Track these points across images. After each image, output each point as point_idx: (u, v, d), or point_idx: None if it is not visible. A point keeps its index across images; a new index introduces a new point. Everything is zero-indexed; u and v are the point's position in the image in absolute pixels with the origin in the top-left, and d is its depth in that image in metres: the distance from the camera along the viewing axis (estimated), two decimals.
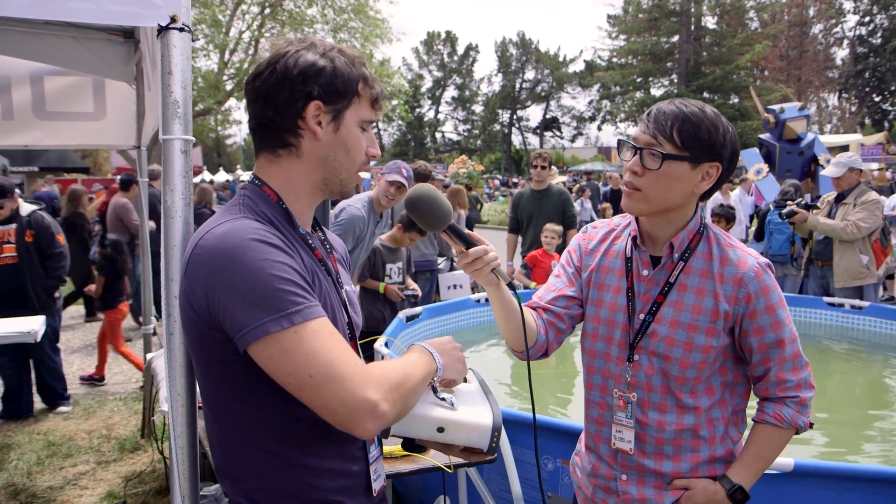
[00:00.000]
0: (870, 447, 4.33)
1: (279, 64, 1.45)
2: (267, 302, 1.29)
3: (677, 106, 1.77)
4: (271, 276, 1.30)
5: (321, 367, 1.28)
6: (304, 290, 1.34)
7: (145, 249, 5.23)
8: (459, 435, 1.59)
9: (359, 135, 1.52)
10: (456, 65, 66.89)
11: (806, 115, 12.48)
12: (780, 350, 1.80)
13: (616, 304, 1.92)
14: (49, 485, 4.52)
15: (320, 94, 1.45)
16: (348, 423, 1.30)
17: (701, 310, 1.80)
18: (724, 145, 1.77)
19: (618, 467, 1.92)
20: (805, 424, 1.84)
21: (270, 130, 1.49)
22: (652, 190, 1.77)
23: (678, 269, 1.84)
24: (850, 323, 6.34)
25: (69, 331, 9.21)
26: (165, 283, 1.67)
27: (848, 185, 6.28)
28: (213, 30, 21.58)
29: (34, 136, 4.76)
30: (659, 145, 1.75)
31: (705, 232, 1.88)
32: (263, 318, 1.28)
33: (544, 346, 1.99)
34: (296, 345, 1.28)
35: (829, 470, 2.76)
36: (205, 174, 36.94)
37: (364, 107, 1.52)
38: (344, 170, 1.53)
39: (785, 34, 45.70)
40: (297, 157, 1.50)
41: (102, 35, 3.91)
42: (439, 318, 6.14)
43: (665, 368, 1.83)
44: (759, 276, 1.78)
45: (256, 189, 1.51)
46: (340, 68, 1.46)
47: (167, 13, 1.68)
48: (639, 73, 42.56)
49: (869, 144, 19.00)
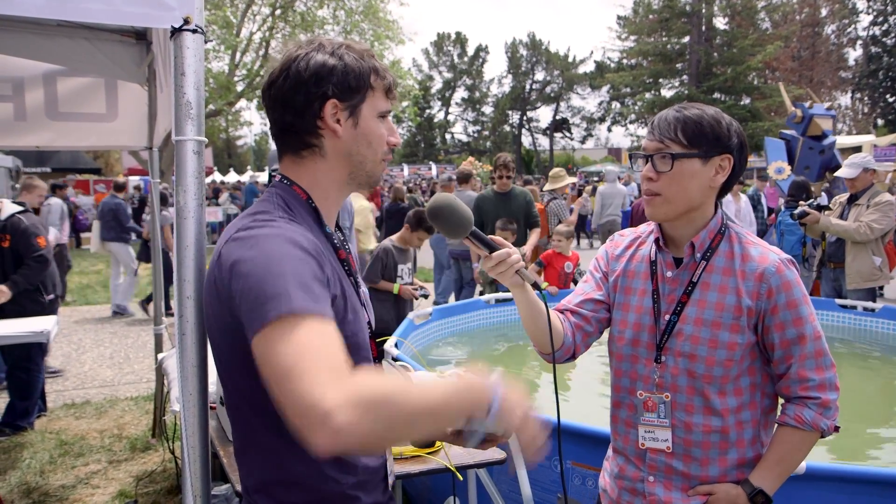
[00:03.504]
0: (882, 450, 4.30)
1: (291, 69, 1.47)
2: (276, 294, 1.23)
3: (677, 110, 1.82)
4: (289, 273, 1.27)
5: (300, 359, 1.16)
6: (315, 290, 1.28)
7: (156, 251, 5.25)
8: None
9: (378, 125, 1.54)
10: (466, 66, 66.77)
11: (832, 116, 12.39)
12: (802, 346, 1.79)
13: (642, 306, 1.94)
14: (61, 483, 4.54)
15: (335, 92, 1.47)
16: (298, 431, 1.12)
17: (724, 307, 1.80)
18: (729, 136, 1.80)
19: (645, 469, 1.92)
20: (829, 427, 1.81)
21: (291, 134, 1.51)
22: (669, 191, 1.80)
23: (700, 268, 1.85)
24: (862, 325, 6.30)
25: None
26: (178, 284, 1.67)
27: (862, 186, 6.24)
28: (225, 31, 21.64)
29: (46, 136, 4.78)
30: (667, 148, 1.79)
31: (727, 231, 1.89)
32: (266, 305, 1.23)
33: (571, 349, 2.00)
34: (287, 334, 1.19)
35: (841, 473, 2.75)
36: (215, 175, 37.09)
37: (379, 98, 1.54)
38: (368, 162, 1.55)
39: (797, 35, 45.44)
40: (320, 156, 1.52)
41: (115, 37, 3.93)
42: (450, 319, 6.14)
43: (691, 368, 1.83)
44: (780, 272, 1.78)
45: (287, 188, 1.52)
46: (351, 64, 1.48)
47: (180, 15, 1.69)
48: (649, 75, 42.38)
49: (882, 145, 18.85)
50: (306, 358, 1.15)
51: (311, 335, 1.19)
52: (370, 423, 1.10)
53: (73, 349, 8.45)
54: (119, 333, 9.32)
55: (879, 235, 6.05)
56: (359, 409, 1.09)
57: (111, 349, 8.46)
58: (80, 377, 7.25)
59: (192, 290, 1.67)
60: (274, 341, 1.19)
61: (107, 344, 8.73)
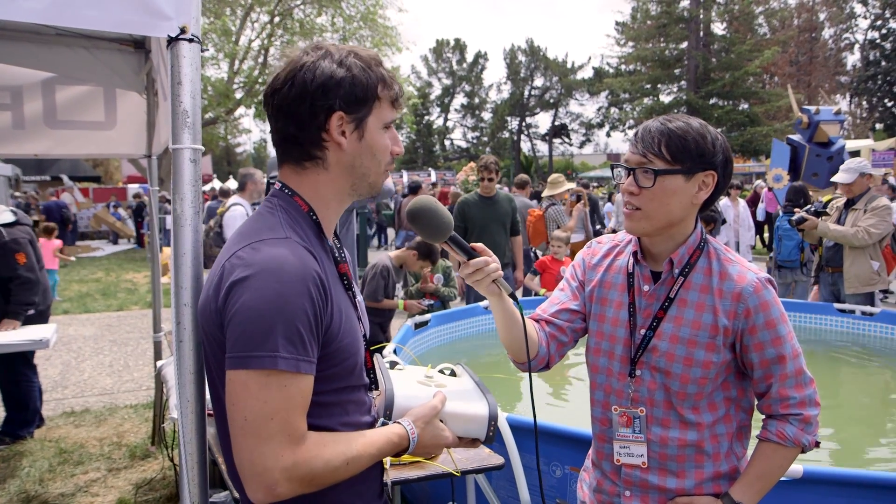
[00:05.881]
0: (880, 453, 4.30)
1: (297, 78, 1.43)
2: (264, 338, 1.29)
3: (662, 122, 1.79)
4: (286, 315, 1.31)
5: (260, 417, 1.29)
6: (304, 342, 1.33)
7: (155, 258, 5.25)
8: (457, 426, 1.63)
9: (382, 137, 1.53)
10: (465, 72, 66.84)
11: (840, 120, 11.93)
12: (782, 366, 1.78)
13: (618, 319, 1.92)
14: (61, 492, 4.54)
15: (341, 105, 1.44)
16: (244, 481, 1.32)
17: (700, 325, 1.79)
18: (714, 153, 1.77)
19: (621, 483, 1.91)
20: (810, 443, 1.81)
21: (294, 145, 1.49)
22: (650, 207, 1.78)
23: (678, 284, 1.84)
24: (860, 329, 6.30)
25: None
26: (175, 291, 1.68)
27: (859, 191, 6.25)
28: (223, 39, 21.69)
29: (45, 145, 4.78)
30: (650, 163, 1.77)
31: (706, 247, 1.87)
32: (251, 351, 1.30)
33: (545, 359, 1.98)
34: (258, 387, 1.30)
35: (838, 477, 2.75)
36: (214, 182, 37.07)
37: (385, 108, 1.52)
38: (372, 173, 1.54)
39: (795, 40, 45.50)
40: (323, 168, 1.50)
41: (113, 45, 3.95)
42: (448, 326, 6.15)
43: (666, 384, 1.82)
44: (758, 292, 1.76)
45: (289, 199, 1.51)
46: (358, 76, 1.45)
47: (177, 24, 1.69)
48: (647, 80, 42.38)
49: (880, 150, 18.84)
50: (267, 419, 1.29)
51: (280, 396, 1.30)
52: (305, 489, 1.34)
53: (72, 357, 8.44)
54: (118, 341, 9.32)
55: (877, 240, 6.06)
56: (300, 482, 1.32)
57: (110, 357, 8.45)
58: (79, 385, 7.25)
59: (190, 297, 1.68)
60: (245, 388, 1.30)
61: (106, 352, 8.73)
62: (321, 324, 1.37)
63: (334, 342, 1.42)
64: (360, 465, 1.42)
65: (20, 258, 5.18)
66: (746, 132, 36.50)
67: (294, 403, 1.32)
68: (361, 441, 1.44)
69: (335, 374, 1.45)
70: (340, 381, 1.48)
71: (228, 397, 1.32)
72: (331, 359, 1.42)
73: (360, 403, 1.56)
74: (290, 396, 1.31)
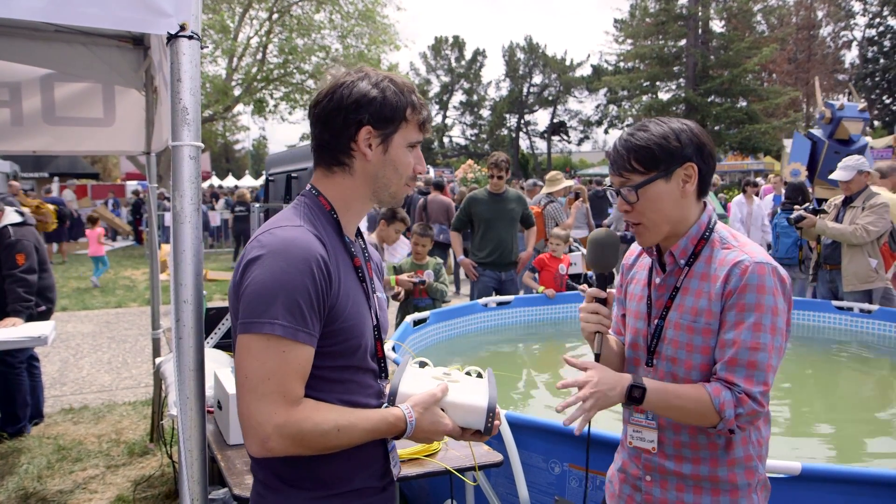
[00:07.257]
0: (878, 451, 4.31)
1: (336, 93, 1.63)
2: (267, 307, 1.46)
3: (625, 139, 1.87)
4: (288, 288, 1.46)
5: (258, 376, 1.46)
6: (304, 314, 1.48)
7: (154, 255, 5.25)
8: (457, 416, 1.69)
9: (406, 154, 1.70)
10: (464, 70, 66.70)
11: (865, 119, 11.22)
12: (734, 350, 1.74)
13: (639, 311, 2.01)
14: (59, 489, 4.54)
15: (371, 120, 1.63)
16: (243, 433, 1.50)
17: (697, 311, 1.83)
18: (682, 147, 1.82)
19: (642, 468, 1.97)
20: (730, 418, 1.73)
21: (327, 151, 1.68)
22: (647, 218, 1.88)
23: (684, 273, 1.90)
24: (858, 327, 6.32)
25: None
26: (175, 288, 1.68)
27: (857, 188, 6.25)
28: (222, 35, 21.67)
29: (43, 141, 4.78)
30: (628, 180, 1.86)
31: (710, 236, 1.91)
32: (255, 318, 1.46)
33: None
34: (259, 349, 1.46)
35: (837, 474, 2.75)
36: (213, 179, 37.05)
37: (412, 130, 1.70)
38: (393, 185, 1.71)
39: (793, 37, 45.48)
40: (349, 174, 1.68)
41: (112, 42, 3.95)
42: (447, 323, 6.15)
43: (674, 371, 1.87)
44: (744, 273, 1.75)
45: (314, 198, 1.69)
46: (390, 97, 1.64)
47: (177, 21, 1.70)
48: (646, 77, 42.28)
49: (879, 147, 18.85)
50: (265, 378, 1.46)
51: (278, 359, 1.46)
52: (296, 449, 1.50)
53: (70, 354, 8.44)
54: (117, 338, 9.32)
55: (875, 237, 6.07)
56: (291, 440, 1.47)
57: (109, 354, 8.45)
58: (77, 382, 7.25)
59: (190, 294, 1.68)
60: (248, 350, 1.47)
61: (105, 349, 8.73)
62: (323, 301, 1.52)
63: (338, 321, 1.56)
64: (351, 435, 1.55)
65: (20, 258, 5.29)
66: (745, 129, 36.46)
67: (291, 368, 1.48)
68: (356, 414, 1.57)
69: (337, 351, 1.58)
70: (342, 360, 1.61)
71: (236, 359, 1.50)
72: (334, 336, 1.56)
73: (365, 386, 1.68)
74: (287, 361, 1.47)
